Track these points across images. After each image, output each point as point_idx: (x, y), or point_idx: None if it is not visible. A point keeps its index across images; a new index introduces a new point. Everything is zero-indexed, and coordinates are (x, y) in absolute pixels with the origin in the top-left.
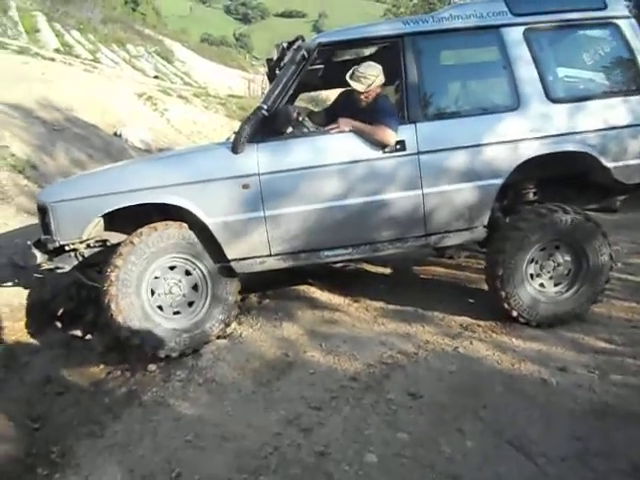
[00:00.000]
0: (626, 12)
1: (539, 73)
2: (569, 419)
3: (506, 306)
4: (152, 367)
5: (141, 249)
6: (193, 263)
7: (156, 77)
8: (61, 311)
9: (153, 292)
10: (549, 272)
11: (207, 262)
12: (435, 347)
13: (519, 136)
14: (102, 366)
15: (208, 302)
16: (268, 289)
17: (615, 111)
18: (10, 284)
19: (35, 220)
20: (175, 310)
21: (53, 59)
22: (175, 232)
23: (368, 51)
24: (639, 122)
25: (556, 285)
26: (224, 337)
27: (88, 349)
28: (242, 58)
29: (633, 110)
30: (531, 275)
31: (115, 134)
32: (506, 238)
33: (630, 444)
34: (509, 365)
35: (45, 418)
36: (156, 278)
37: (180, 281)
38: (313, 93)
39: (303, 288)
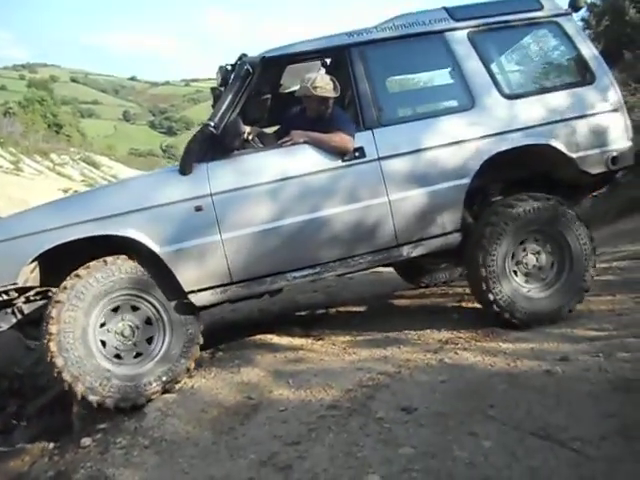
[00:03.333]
0: (562, 10)
1: (489, 72)
2: (591, 400)
3: (496, 309)
4: (86, 441)
5: (77, 295)
6: (148, 302)
7: (83, 182)
8: None
9: (103, 324)
10: (532, 268)
11: (164, 306)
12: (418, 363)
13: (478, 134)
14: (25, 458)
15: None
16: (220, 344)
17: (567, 103)
18: None
19: None
20: (117, 353)
21: None
22: (119, 267)
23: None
24: (592, 112)
25: (541, 280)
26: (171, 391)
27: (8, 444)
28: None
29: (583, 101)
30: (515, 272)
31: None
32: (481, 235)
33: None
34: (505, 365)
35: None
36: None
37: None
38: None
39: (259, 337)
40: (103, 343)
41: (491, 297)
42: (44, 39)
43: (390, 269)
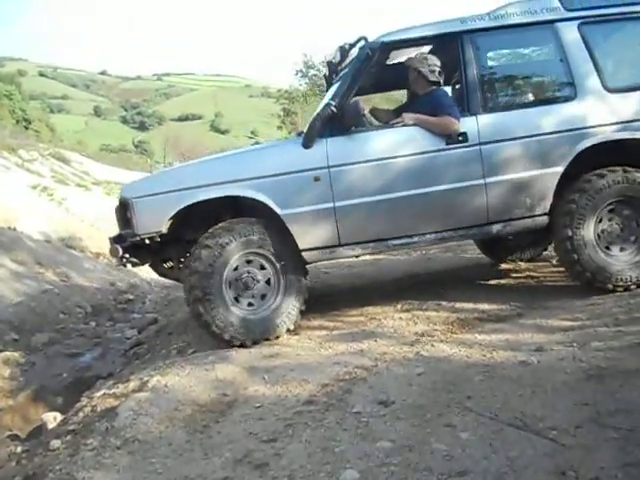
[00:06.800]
0: None
1: (595, 64)
2: (566, 389)
3: (586, 276)
4: (56, 444)
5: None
6: (268, 259)
7: (53, 177)
8: None
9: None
10: (617, 237)
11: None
12: (394, 356)
13: (577, 125)
14: None
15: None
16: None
17: None
18: None
19: None
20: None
21: None
22: (256, 227)
23: (425, 49)
24: None
25: (630, 247)
26: (144, 390)
27: None
28: (144, 162)
29: None
30: (601, 240)
31: (9, 228)
32: (567, 210)
33: None
34: (480, 357)
35: None
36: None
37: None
38: None
39: None
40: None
41: (579, 267)
42: (7, 31)
43: (361, 259)
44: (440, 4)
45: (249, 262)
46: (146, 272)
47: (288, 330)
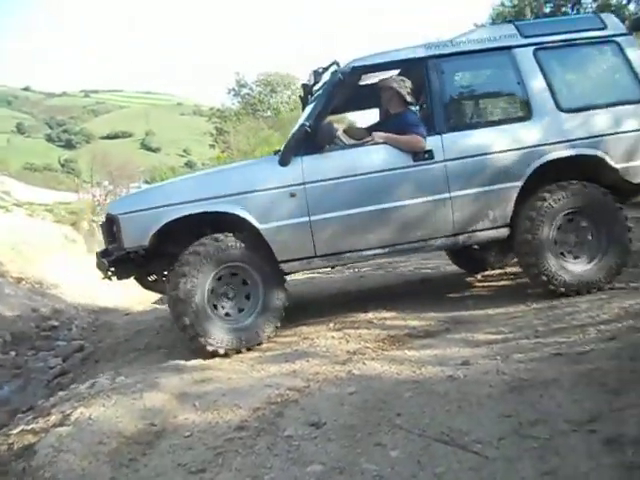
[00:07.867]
0: (624, 30)
1: (549, 87)
2: (490, 402)
3: (543, 280)
4: None
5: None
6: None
7: None
8: None
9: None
10: (574, 245)
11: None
12: (327, 376)
13: (533, 142)
14: None
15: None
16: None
17: (619, 118)
18: None
19: None
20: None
21: None
22: (233, 241)
23: (392, 73)
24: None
25: (582, 256)
26: (65, 424)
27: None
28: (70, 182)
29: (632, 117)
30: (561, 252)
31: None
32: (524, 225)
33: (561, 406)
34: (410, 373)
35: None
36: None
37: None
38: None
39: (163, 358)
40: (215, 306)
41: (537, 272)
42: None
43: (296, 278)
44: (439, 4)
45: (234, 275)
46: (71, 297)
47: (215, 354)
